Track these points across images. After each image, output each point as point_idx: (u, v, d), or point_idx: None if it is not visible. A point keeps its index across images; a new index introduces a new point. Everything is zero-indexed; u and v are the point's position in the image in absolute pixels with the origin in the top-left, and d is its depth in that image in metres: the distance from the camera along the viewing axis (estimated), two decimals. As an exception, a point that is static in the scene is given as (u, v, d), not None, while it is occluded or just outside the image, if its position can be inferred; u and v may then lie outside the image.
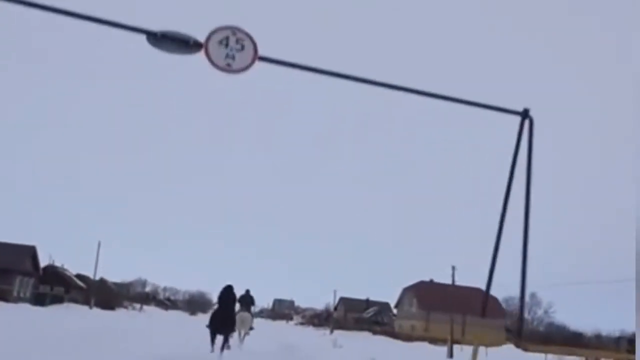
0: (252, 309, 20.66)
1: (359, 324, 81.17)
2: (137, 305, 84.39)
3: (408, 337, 59.42)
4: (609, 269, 77.51)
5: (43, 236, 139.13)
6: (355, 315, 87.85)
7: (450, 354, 36.03)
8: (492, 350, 48.42)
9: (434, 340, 53.91)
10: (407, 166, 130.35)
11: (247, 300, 19.63)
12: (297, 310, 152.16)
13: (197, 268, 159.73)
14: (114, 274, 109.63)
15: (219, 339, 15.17)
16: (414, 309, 64.42)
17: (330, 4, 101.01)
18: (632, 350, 41.49)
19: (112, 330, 19.64)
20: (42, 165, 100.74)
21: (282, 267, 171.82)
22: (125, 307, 72.58)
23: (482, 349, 42.10)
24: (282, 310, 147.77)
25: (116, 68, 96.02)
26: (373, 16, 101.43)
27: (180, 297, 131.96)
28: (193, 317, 66.98)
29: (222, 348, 14.84)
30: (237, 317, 17.28)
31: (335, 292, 79.31)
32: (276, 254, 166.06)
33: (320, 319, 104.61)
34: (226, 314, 15.73)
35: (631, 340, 55.96)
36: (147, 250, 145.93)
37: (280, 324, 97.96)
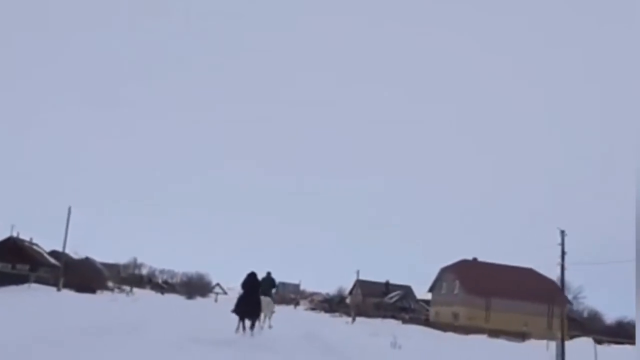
0: (273, 291, 20.36)
1: (381, 310, 70.56)
2: (127, 288, 75.70)
3: (451, 327, 48.68)
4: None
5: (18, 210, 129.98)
6: (374, 300, 77.26)
7: (562, 356, 24.99)
8: (573, 345, 37.23)
9: (495, 333, 43.09)
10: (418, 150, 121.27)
11: (269, 282, 18.92)
12: (304, 295, 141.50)
13: (197, 250, 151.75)
14: (111, 255, 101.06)
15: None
16: (456, 293, 53.53)
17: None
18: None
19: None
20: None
21: (285, 248, 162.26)
22: (111, 290, 62.27)
23: (570, 344, 31.40)
24: (287, 295, 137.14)
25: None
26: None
27: (178, 280, 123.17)
28: (189, 302, 56.76)
29: (252, 328, 15.72)
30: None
31: (358, 272, 68.38)
32: (278, 235, 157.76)
33: (332, 304, 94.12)
34: (251, 299, 16.08)
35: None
36: (146, 232, 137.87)
37: (287, 309, 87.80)
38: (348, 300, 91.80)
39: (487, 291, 51.13)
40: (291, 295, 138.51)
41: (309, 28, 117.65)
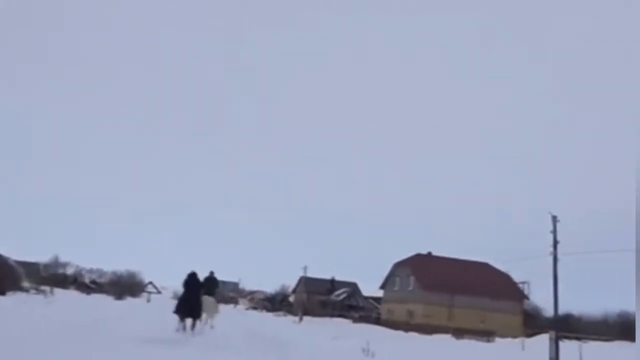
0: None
1: (327, 309, 66.61)
2: (47, 289, 68.10)
3: (407, 326, 45.25)
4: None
5: None
6: (320, 298, 73.16)
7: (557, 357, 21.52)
8: (532, 342, 34.45)
9: (458, 332, 39.84)
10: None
11: (212, 282, 18.45)
12: (243, 293, 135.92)
13: (128, 248, 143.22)
14: (31, 252, 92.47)
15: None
16: (411, 289, 50.10)
17: None
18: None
19: None
20: None
21: (223, 245, 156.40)
22: (26, 291, 54.84)
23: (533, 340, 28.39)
24: (225, 293, 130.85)
25: None
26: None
27: (108, 279, 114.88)
28: (116, 303, 50.70)
29: (192, 328, 15.55)
30: (202, 302, 16.72)
31: (306, 268, 63.98)
32: (215, 231, 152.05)
33: (274, 303, 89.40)
34: (193, 299, 15.89)
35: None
36: (71, 229, 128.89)
37: (226, 308, 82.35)
38: (292, 299, 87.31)
39: (444, 287, 48.02)
40: (230, 294, 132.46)
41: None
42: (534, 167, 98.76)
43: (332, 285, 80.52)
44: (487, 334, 42.21)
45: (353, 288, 71.26)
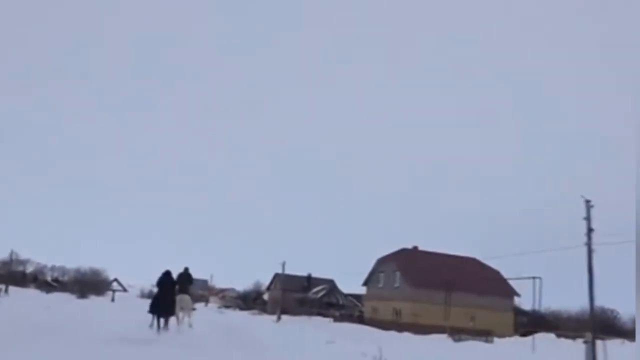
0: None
1: (305, 307, 63.20)
2: (2, 287, 63.63)
3: (395, 325, 42.20)
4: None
5: None
6: (297, 295, 69.66)
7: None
8: (536, 342, 31.77)
9: (455, 332, 36.85)
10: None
11: (186, 279, 17.74)
12: (213, 291, 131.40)
13: (92, 245, 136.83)
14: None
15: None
16: (397, 286, 47.04)
17: None
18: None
19: None
20: None
21: (191, 241, 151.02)
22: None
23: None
24: (194, 291, 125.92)
25: None
26: None
27: (71, 277, 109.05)
28: (78, 303, 46.33)
29: (164, 326, 15.62)
30: (177, 300, 16.52)
31: (284, 264, 60.34)
32: (183, 226, 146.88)
33: (247, 301, 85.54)
34: (167, 298, 16.00)
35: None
36: (32, 224, 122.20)
37: (198, 307, 78.18)
38: (266, 296, 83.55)
39: (433, 284, 45.16)
40: (199, 291, 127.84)
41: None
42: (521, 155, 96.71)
43: (309, 282, 77.10)
44: (484, 334, 39.42)
45: (331, 285, 68.02)
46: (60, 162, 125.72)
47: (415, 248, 50.39)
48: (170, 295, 16.51)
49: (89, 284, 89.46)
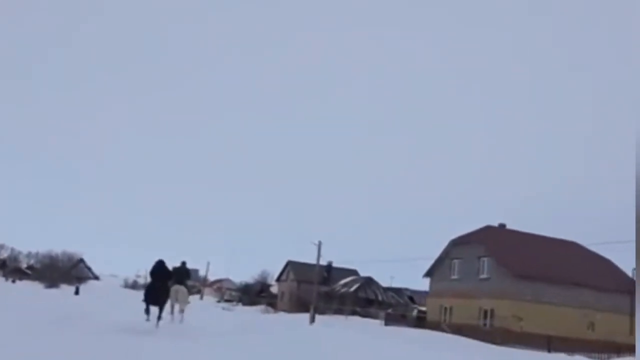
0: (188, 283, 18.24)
1: (331, 303, 49.44)
2: None
3: (504, 336, 28.78)
4: None
5: None
6: (319, 288, 56.02)
7: None
8: None
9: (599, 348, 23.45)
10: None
11: (182, 273, 16.96)
12: (206, 282, 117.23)
13: (68, 229, 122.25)
14: None
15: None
16: (486, 278, 33.22)
17: None
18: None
19: None
20: None
21: (181, 226, 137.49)
22: None
23: None
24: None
25: None
26: None
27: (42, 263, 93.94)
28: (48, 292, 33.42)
29: (158, 318, 14.95)
30: (171, 291, 15.97)
31: (319, 246, 46.36)
32: (171, 210, 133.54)
33: (249, 294, 71.61)
34: (160, 287, 15.37)
35: None
36: (10, 209, 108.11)
37: (194, 302, 64.40)
38: (274, 289, 69.57)
39: (538, 274, 31.80)
40: (189, 282, 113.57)
41: None
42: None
43: (329, 272, 63.26)
44: (628, 350, 26.11)
45: (364, 277, 53.92)
46: (54, 148, 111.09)
47: (502, 226, 36.75)
48: (163, 284, 15.42)
49: (61, 272, 75.18)
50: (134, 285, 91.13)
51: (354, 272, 65.32)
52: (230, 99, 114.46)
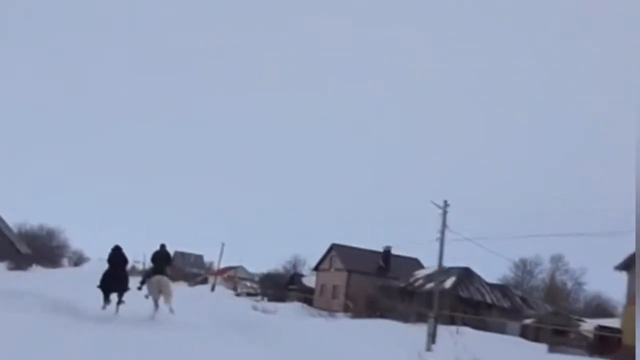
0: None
1: (410, 304, 33.39)
2: None
3: None
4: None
5: None
6: (376, 281, 40.21)
7: None
8: None
9: None
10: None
11: (162, 257, 15.32)
12: (211, 270, 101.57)
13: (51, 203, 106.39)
14: None
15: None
16: None
17: None
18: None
19: None
20: None
21: (185, 206, 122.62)
22: None
23: None
24: (187, 269, 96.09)
25: None
26: None
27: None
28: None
29: (118, 304, 14.53)
30: (154, 282, 14.73)
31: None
32: (176, 188, 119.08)
33: (274, 287, 55.75)
34: (117, 274, 14.76)
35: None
36: None
37: (196, 292, 48.73)
38: (309, 281, 53.55)
39: None
40: (193, 270, 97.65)
41: None
42: None
43: (387, 261, 47.54)
44: None
45: (461, 269, 37.25)
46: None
47: None
48: (120, 271, 14.86)
49: (40, 250, 59.42)
50: (131, 272, 75.65)
51: (415, 262, 49.70)
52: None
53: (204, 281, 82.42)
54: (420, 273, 38.86)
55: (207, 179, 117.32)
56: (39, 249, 57.66)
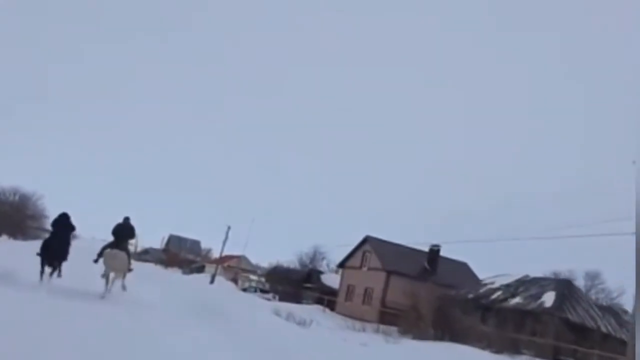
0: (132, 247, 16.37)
1: (484, 322, 24.03)
2: None
3: None
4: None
5: None
6: (426, 287, 30.86)
7: None
8: None
9: None
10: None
11: (125, 232, 14.17)
12: (208, 258, 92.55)
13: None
14: None
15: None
16: None
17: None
18: None
19: None
20: None
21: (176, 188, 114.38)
22: None
23: None
24: (182, 254, 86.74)
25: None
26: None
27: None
28: None
29: (51, 274, 13.57)
30: (107, 255, 13.56)
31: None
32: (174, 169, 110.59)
33: (286, 282, 46.32)
34: (59, 242, 13.82)
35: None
36: None
37: (194, 281, 39.63)
38: (330, 279, 43.97)
39: None
40: (189, 256, 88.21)
41: None
42: None
43: (433, 263, 38.16)
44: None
45: (561, 281, 27.36)
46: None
47: None
48: (63, 239, 13.87)
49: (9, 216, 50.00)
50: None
51: (464, 266, 40.46)
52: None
53: (201, 269, 73.09)
54: (495, 282, 29.27)
55: (207, 151, 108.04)
56: (6, 216, 48.36)
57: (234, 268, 66.05)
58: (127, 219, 14.12)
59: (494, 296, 26.98)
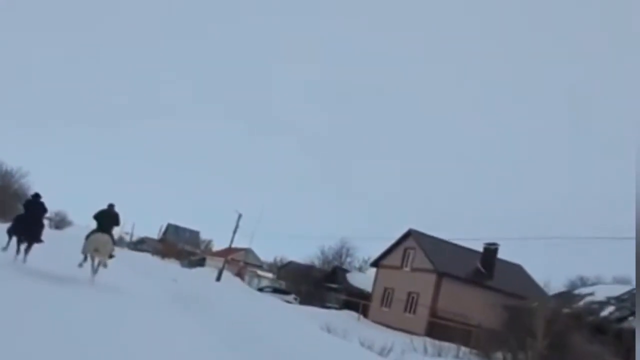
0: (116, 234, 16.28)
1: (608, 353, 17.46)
2: None
3: None
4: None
5: None
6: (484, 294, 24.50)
7: None
8: None
9: None
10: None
11: (110, 218, 13.76)
12: (208, 250, 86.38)
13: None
14: None
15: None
16: None
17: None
18: None
19: None
20: None
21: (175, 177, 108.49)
22: None
23: None
24: (180, 245, 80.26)
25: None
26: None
27: None
28: None
29: (26, 253, 13.32)
30: (91, 240, 13.08)
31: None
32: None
33: (304, 282, 39.48)
34: (32, 220, 13.67)
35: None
36: None
37: (194, 277, 32.85)
38: (358, 279, 37.01)
39: None
40: (187, 247, 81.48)
41: None
42: None
43: (489, 264, 31.52)
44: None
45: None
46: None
47: None
48: (36, 217, 13.77)
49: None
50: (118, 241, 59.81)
51: (519, 269, 33.90)
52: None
53: (201, 262, 66.56)
54: (594, 292, 22.53)
55: (211, 133, 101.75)
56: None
57: (239, 262, 59.30)
58: (111, 206, 13.72)
59: (605, 313, 20.24)
